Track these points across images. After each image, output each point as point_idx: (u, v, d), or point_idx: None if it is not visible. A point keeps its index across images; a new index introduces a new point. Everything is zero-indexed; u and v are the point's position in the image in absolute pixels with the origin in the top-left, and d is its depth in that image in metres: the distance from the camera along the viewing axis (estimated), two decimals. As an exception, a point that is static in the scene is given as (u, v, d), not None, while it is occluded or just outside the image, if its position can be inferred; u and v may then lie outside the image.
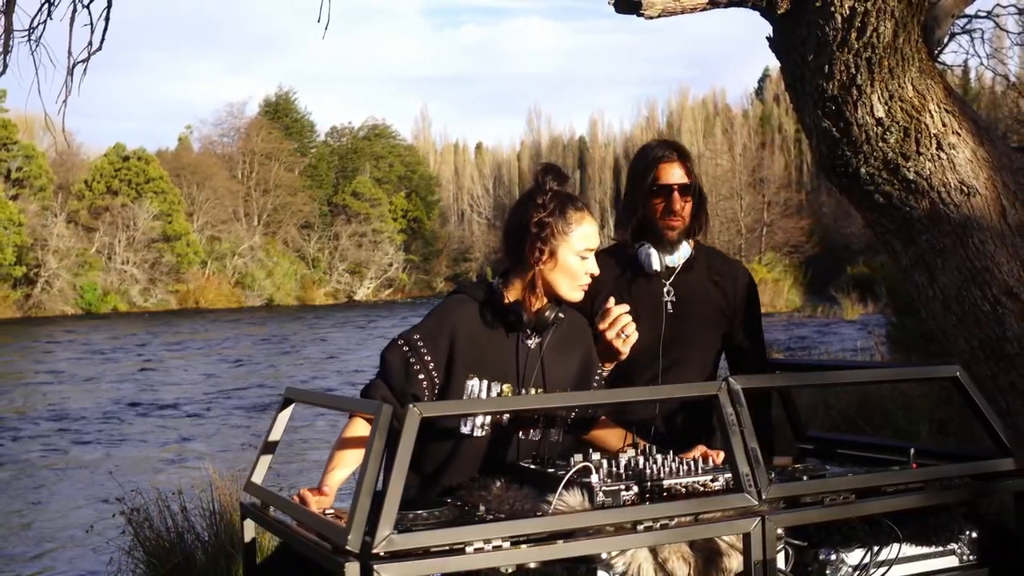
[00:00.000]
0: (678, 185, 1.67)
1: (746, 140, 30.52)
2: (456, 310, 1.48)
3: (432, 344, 1.43)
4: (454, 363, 1.43)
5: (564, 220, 1.47)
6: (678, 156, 1.69)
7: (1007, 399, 1.74)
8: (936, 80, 1.75)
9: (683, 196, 1.67)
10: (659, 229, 1.67)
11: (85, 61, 2.54)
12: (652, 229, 1.68)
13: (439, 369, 1.43)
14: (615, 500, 1.18)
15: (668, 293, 1.67)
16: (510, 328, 1.46)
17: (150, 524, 3.18)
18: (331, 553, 1.04)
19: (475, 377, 1.44)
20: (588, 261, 1.49)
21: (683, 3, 1.71)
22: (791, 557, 1.23)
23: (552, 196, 1.49)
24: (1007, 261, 1.74)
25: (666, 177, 1.67)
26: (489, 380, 1.44)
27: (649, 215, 1.68)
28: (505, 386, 1.45)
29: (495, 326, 1.46)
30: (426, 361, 1.43)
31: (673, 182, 1.67)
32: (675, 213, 1.66)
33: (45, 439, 7.85)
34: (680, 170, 1.68)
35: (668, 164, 1.67)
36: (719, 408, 1.20)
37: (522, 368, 1.46)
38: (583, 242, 1.48)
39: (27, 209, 25.00)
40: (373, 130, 38.88)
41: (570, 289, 1.49)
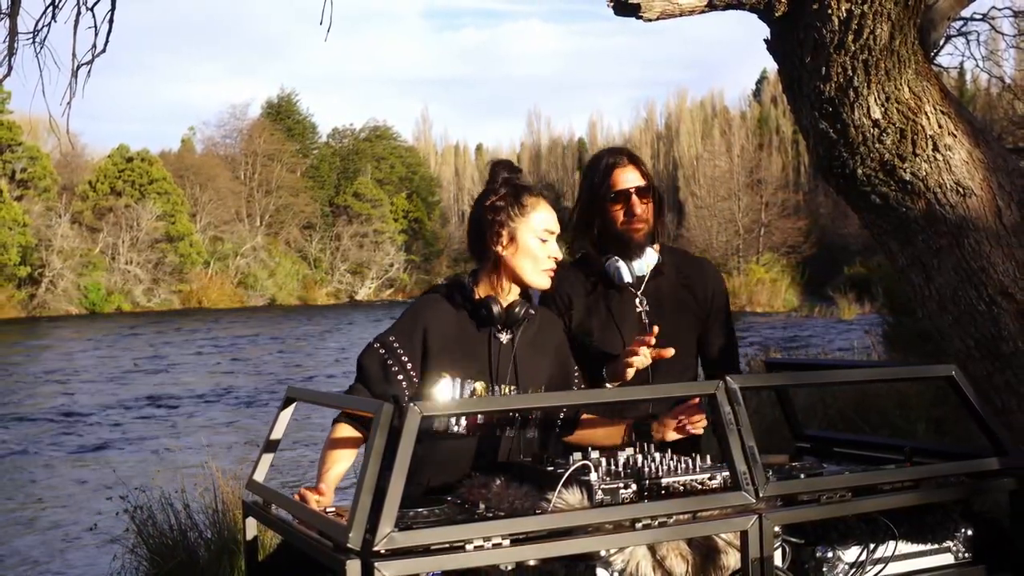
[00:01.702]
0: (635, 188, 1.66)
1: (744, 141, 30.52)
2: (428, 308, 1.49)
3: (407, 343, 1.44)
4: (427, 361, 1.44)
5: (520, 204, 1.49)
6: (630, 160, 1.68)
7: (1002, 398, 1.75)
8: (932, 82, 1.76)
9: (642, 199, 1.66)
10: (623, 236, 1.65)
11: (89, 63, 2.56)
12: (616, 238, 1.66)
13: (416, 368, 1.44)
14: (614, 498, 1.19)
15: (641, 303, 1.67)
16: (481, 323, 1.47)
17: (153, 522, 3.20)
18: (332, 551, 1.05)
19: (447, 375, 1.44)
20: (549, 244, 1.49)
21: (681, 5, 1.72)
22: (788, 554, 1.24)
23: (504, 184, 1.50)
24: (1003, 261, 1.75)
25: (622, 182, 1.66)
26: (462, 378, 1.45)
27: (610, 224, 1.66)
28: (478, 384, 1.45)
29: (467, 323, 1.47)
30: (403, 361, 1.44)
31: (629, 186, 1.65)
32: (637, 216, 1.65)
33: (48, 438, 7.88)
34: (635, 173, 1.67)
35: (622, 169, 1.66)
36: (717, 407, 1.21)
37: (495, 364, 1.46)
38: (542, 223, 1.49)
39: (31, 210, 25.08)
40: (374, 132, 38.92)
41: (534, 273, 1.49)
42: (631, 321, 1.66)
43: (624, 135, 46.49)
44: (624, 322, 1.65)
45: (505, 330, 1.49)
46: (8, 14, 2.52)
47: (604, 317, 1.66)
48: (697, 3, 1.73)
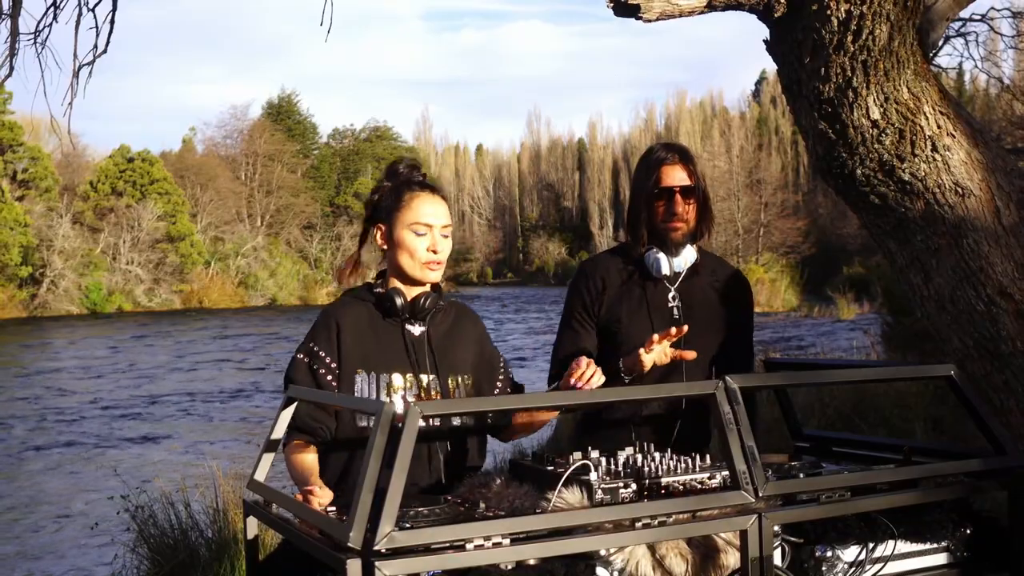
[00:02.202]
0: (680, 187, 1.66)
1: (743, 142, 30.58)
2: (338, 310, 1.51)
3: (326, 345, 1.47)
4: (342, 360, 1.46)
5: (396, 200, 1.50)
6: (680, 158, 1.68)
7: (1001, 397, 1.75)
8: (931, 83, 1.76)
9: (685, 198, 1.67)
10: (662, 232, 1.67)
11: (90, 64, 2.57)
12: (656, 233, 1.67)
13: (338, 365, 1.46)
14: (613, 497, 1.19)
15: (674, 299, 1.67)
16: (388, 316, 1.49)
17: (154, 521, 3.21)
18: (333, 550, 1.05)
19: (362, 371, 1.46)
20: (427, 238, 1.49)
21: (681, 6, 1.72)
22: (788, 554, 1.24)
23: (389, 179, 1.53)
24: (1001, 261, 1.75)
25: (668, 179, 1.67)
26: (377, 372, 1.46)
27: (652, 218, 1.67)
28: (395, 375, 1.46)
29: (377, 319, 1.49)
30: (328, 363, 1.46)
31: (675, 184, 1.66)
32: (677, 215, 1.66)
33: (49, 437, 7.89)
34: (683, 172, 1.68)
35: (670, 166, 1.67)
36: (716, 406, 1.22)
37: (412, 356, 1.48)
38: (413, 216, 1.49)
39: (33, 210, 25.09)
40: (375, 132, 38.95)
41: (414, 267, 1.49)
42: (663, 313, 1.66)
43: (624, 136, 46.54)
44: (656, 313, 1.66)
45: (416, 322, 1.50)
46: (10, 15, 2.52)
47: (636, 305, 1.66)
48: (696, 4, 1.74)
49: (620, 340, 1.66)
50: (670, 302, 1.68)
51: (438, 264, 1.50)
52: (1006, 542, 1.34)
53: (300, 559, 1.18)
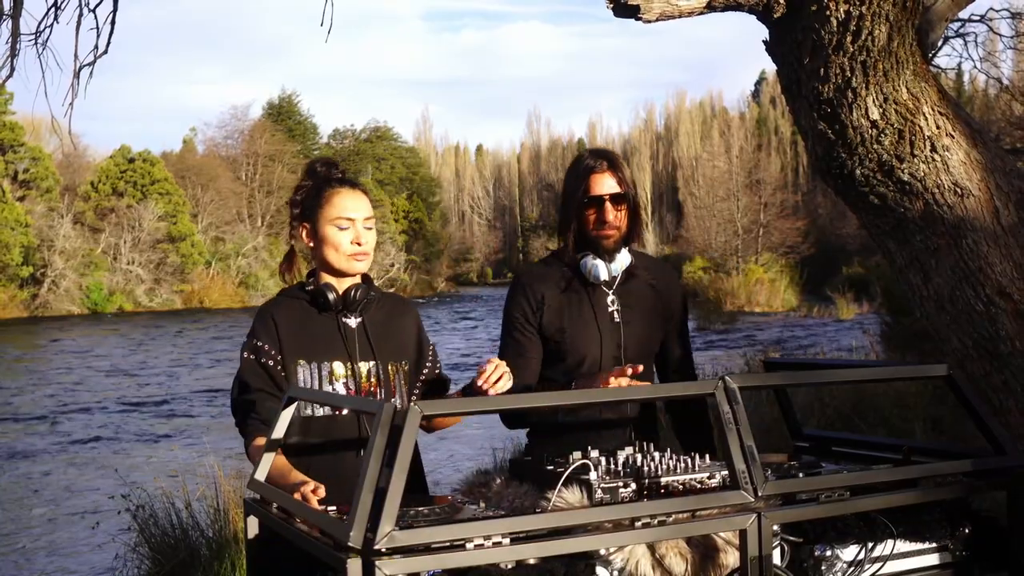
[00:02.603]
0: (610, 195, 1.66)
1: (743, 142, 30.57)
2: (273, 306, 1.56)
3: (267, 338, 1.51)
4: (283, 351, 1.51)
5: (317, 197, 1.55)
6: (609, 166, 1.68)
7: (1000, 397, 1.76)
8: (930, 83, 1.77)
9: (616, 206, 1.67)
10: (594, 240, 1.67)
11: (91, 64, 2.57)
12: (588, 241, 1.67)
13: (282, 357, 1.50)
14: (613, 497, 1.20)
15: (613, 303, 1.68)
16: (324, 310, 1.54)
17: (155, 521, 3.22)
18: (333, 549, 1.05)
19: (303, 361, 1.51)
20: (351, 231, 1.54)
21: (680, 7, 1.73)
22: (787, 553, 1.24)
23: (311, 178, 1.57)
24: (1000, 261, 1.75)
25: (597, 188, 1.66)
26: (318, 362, 1.51)
27: (584, 226, 1.67)
28: (336, 363, 1.51)
29: (313, 313, 1.54)
30: (273, 354, 1.51)
31: (604, 192, 1.66)
32: (608, 223, 1.66)
33: (51, 437, 7.90)
34: (612, 179, 1.67)
35: (599, 175, 1.67)
36: (715, 406, 1.22)
37: (349, 344, 1.53)
38: (334, 211, 1.53)
39: (34, 210, 25.12)
40: (375, 132, 38.97)
41: (340, 259, 1.54)
42: (605, 318, 1.68)
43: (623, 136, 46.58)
44: (599, 319, 1.67)
45: (351, 314, 1.56)
46: (10, 15, 2.53)
47: (577, 313, 1.67)
48: (696, 4, 1.74)
49: (565, 349, 1.67)
50: (610, 306, 1.68)
51: (364, 255, 1.55)
52: (1005, 542, 1.34)
53: (300, 558, 1.18)
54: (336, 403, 1.51)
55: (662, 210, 41.70)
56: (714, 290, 21.65)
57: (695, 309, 18.66)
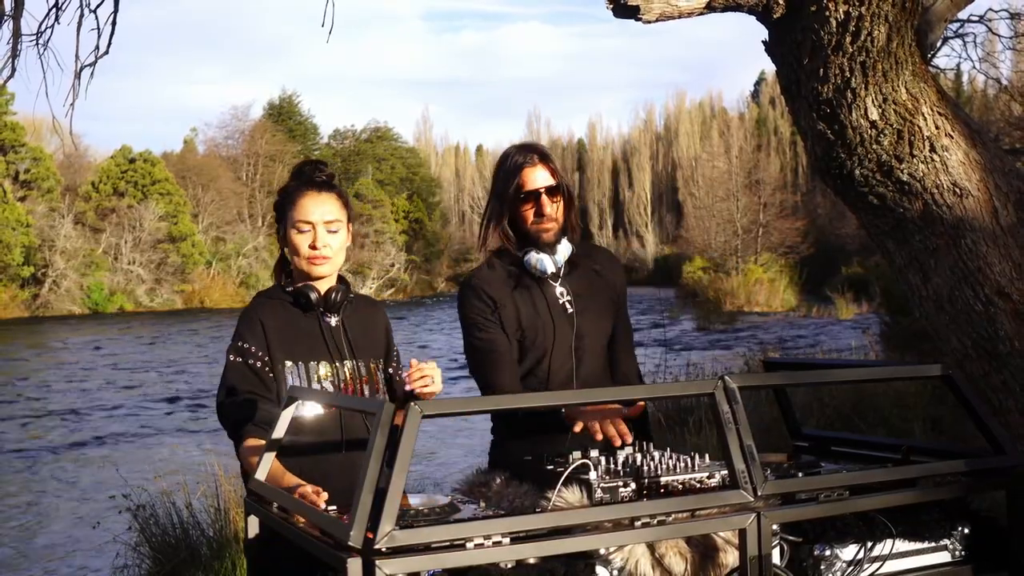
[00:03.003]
0: (544, 188, 1.65)
1: (742, 143, 30.58)
2: (258, 308, 1.58)
3: (254, 339, 1.53)
4: (271, 352, 1.52)
5: (289, 202, 1.57)
6: (540, 158, 1.67)
7: (999, 397, 1.76)
8: (929, 83, 1.77)
9: (552, 198, 1.66)
10: (532, 235, 1.65)
11: (92, 65, 2.58)
12: (526, 236, 1.66)
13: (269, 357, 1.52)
14: (613, 497, 1.20)
15: (563, 294, 1.67)
16: (306, 309, 1.57)
17: (156, 520, 3.22)
18: (334, 549, 1.05)
19: (289, 362, 1.53)
20: (307, 235, 1.55)
21: (680, 7, 1.73)
22: (786, 552, 1.25)
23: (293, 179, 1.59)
24: (999, 261, 1.76)
25: (531, 182, 1.65)
26: (304, 361, 1.54)
27: (522, 222, 1.66)
28: (321, 364, 1.54)
29: (296, 313, 1.57)
30: (260, 355, 1.52)
31: (539, 186, 1.65)
32: (547, 216, 1.65)
33: (52, 436, 7.91)
34: (544, 172, 1.67)
35: (531, 168, 1.66)
36: (715, 405, 1.22)
37: (331, 345, 1.56)
38: (296, 214, 1.55)
39: (35, 210, 25.14)
40: (375, 133, 38.98)
41: (300, 263, 1.57)
42: (558, 310, 1.67)
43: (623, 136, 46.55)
44: (553, 311, 1.66)
45: (331, 314, 1.58)
46: (12, 16, 2.53)
47: (531, 309, 1.66)
48: (696, 5, 1.74)
49: (526, 347, 1.65)
50: (560, 298, 1.68)
51: (322, 259, 1.56)
52: (1005, 541, 1.35)
53: (301, 558, 1.19)
54: (337, 403, 1.52)
55: (662, 210, 41.68)
56: (713, 290, 21.65)
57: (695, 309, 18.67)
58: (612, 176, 44.37)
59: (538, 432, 1.61)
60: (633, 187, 42.98)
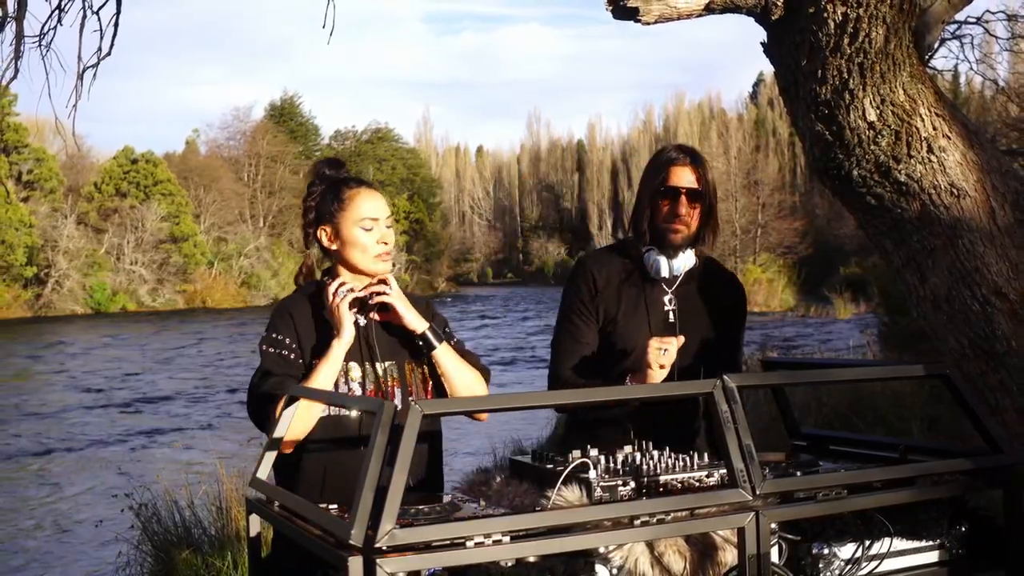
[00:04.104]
0: (686, 189, 1.64)
1: (741, 143, 30.59)
2: (291, 305, 1.57)
3: (287, 331, 1.53)
4: (302, 348, 1.52)
5: (337, 198, 1.53)
6: (691, 161, 1.67)
7: (996, 396, 1.76)
8: (927, 84, 1.77)
9: (691, 202, 1.65)
10: (662, 232, 1.65)
11: (95, 66, 2.59)
12: (656, 233, 1.66)
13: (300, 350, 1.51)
14: (612, 495, 1.20)
15: (670, 302, 1.66)
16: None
17: (158, 519, 3.24)
18: (335, 547, 1.06)
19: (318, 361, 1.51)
20: (376, 231, 1.54)
21: (679, 9, 1.73)
22: (785, 551, 1.25)
23: (321, 181, 1.56)
24: (996, 262, 1.76)
25: (675, 180, 1.65)
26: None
27: (655, 217, 1.66)
28: (352, 364, 1.52)
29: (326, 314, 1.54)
30: (291, 346, 1.52)
31: (681, 185, 1.65)
32: (679, 217, 1.64)
33: (55, 435, 7.93)
34: (692, 175, 1.65)
35: (679, 167, 1.66)
36: (714, 405, 1.23)
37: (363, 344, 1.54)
38: (360, 212, 1.53)
39: (38, 211, 25.20)
40: (376, 133, 38.99)
41: (368, 261, 1.54)
42: (659, 316, 1.65)
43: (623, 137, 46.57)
44: (652, 315, 1.65)
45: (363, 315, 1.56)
46: (15, 18, 2.54)
47: (632, 306, 1.64)
48: (694, 6, 1.75)
49: (615, 340, 1.65)
50: (666, 305, 1.66)
51: (388, 255, 1.56)
52: (1002, 540, 1.35)
53: (302, 556, 1.19)
54: (339, 403, 1.52)
55: (662, 210, 41.42)
56: (713, 290, 21.52)
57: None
58: (611, 177, 44.36)
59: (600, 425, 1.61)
60: (632, 188, 42.81)
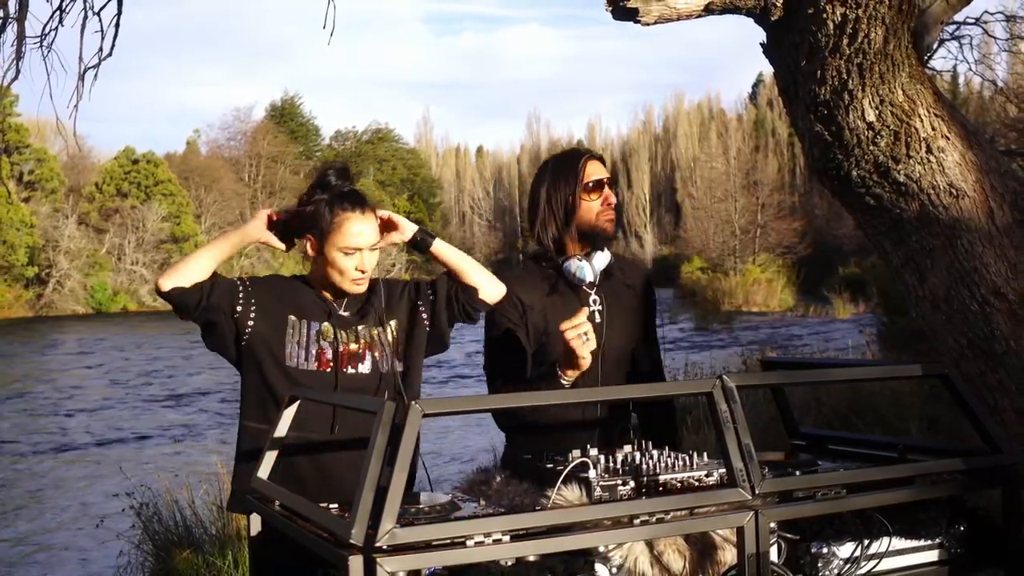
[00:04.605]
0: (607, 178, 1.67)
1: (740, 144, 30.61)
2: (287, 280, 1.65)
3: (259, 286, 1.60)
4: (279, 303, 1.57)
5: (328, 217, 1.57)
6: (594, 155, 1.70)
7: (995, 396, 1.77)
8: (926, 85, 1.78)
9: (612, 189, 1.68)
10: (597, 228, 1.65)
11: (96, 67, 2.59)
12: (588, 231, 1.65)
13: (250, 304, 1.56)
14: (612, 495, 1.20)
15: (595, 303, 1.67)
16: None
17: (159, 518, 3.24)
18: (335, 546, 1.06)
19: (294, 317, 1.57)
20: (354, 257, 1.57)
21: (679, 10, 1.74)
22: (784, 550, 1.25)
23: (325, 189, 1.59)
24: (995, 262, 1.76)
25: (597, 172, 1.66)
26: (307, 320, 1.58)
27: (583, 217, 1.65)
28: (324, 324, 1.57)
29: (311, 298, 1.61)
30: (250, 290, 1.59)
31: (602, 177, 1.67)
32: (611, 207, 1.66)
33: (56, 435, 7.94)
34: (601, 166, 1.69)
35: (592, 161, 1.68)
36: (713, 404, 1.23)
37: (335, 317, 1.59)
38: (343, 240, 1.56)
39: (39, 211, 25.24)
40: (376, 134, 39.02)
41: (343, 282, 1.59)
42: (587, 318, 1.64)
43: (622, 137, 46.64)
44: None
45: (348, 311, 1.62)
46: (16, 18, 2.55)
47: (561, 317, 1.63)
48: (694, 7, 1.75)
49: (550, 351, 1.65)
50: (592, 306, 1.67)
51: (364, 281, 1.60)
52: (1001, 539, 1.35)
53: (302, 555, 1.20)
54: (338, 402, 1.53)
55: (660, 211, 41.65)
56: (712, 290, 21.67)
57: (693, 309, 18.66)
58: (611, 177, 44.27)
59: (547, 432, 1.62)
60: (632, 188, 42.96)
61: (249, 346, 1.58)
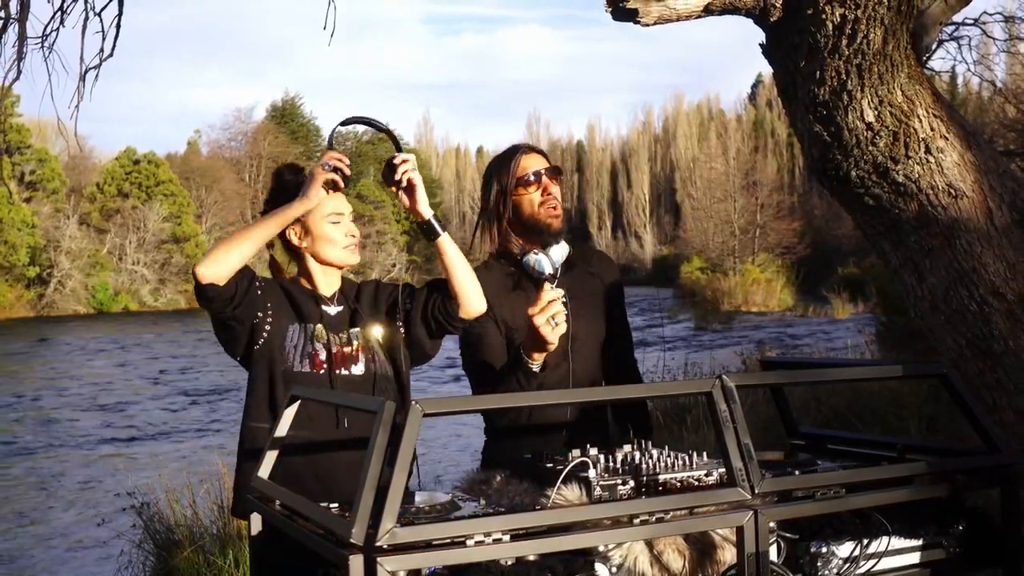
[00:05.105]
0: (546, 168, 1.64)
1: (739, 144, 30.62)
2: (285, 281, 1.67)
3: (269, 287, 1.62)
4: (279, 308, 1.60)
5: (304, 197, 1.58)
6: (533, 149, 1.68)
7: (994, 396, 1.77)
8: (924, 86, 1.78)
9: (553, 179, 1.64)
10: (540, 223, 1.62)
11: (97, 67, 2.59)
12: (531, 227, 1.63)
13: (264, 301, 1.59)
14: (612, 494, 1.21)
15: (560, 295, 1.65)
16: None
17: (160, 518, 3.25)
18: (335, 546, 1.06)
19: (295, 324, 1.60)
20: (342, 224, 1.62)
21: (678, 11, 1.74)
22: (783, 550, 1.25)
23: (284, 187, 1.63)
24: (993, 262, 1.77)
25: (533, 165, 1.64)
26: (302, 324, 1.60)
27: (523, 212, 1.63)
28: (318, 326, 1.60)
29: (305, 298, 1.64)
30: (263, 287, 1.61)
31: (541, 167, 1.64)
32: (552, 196, 1.63)
33: (58, 435, 7.95)
34: (541, 158, 1.65)
35: (528, 155, 1.65)
36: (713, 404, 1.23)
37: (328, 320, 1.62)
38: (328, 207, 1.61)
39: (40, 211, 25.27)
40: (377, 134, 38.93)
41: (338, 253, 1.62)
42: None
43: (622, 138, 46.68)
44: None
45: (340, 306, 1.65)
46: (17, 19, 2.56)
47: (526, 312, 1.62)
48: (693, 8, 1.76)
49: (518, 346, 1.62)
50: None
51: (356, 246, 1.64)
52: (999, 539, 1.36)
53: (303, 555, 1.20)
54: (338, 401, 1.53)
55: (660, 211, 41.68)
56: (711, 290, 21.66)
57: (692, 309, 18.66)
58: (611, 177, 44.43)
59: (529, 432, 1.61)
60: (632, 188, 42.99)
61: (261, 350, 1.60)
